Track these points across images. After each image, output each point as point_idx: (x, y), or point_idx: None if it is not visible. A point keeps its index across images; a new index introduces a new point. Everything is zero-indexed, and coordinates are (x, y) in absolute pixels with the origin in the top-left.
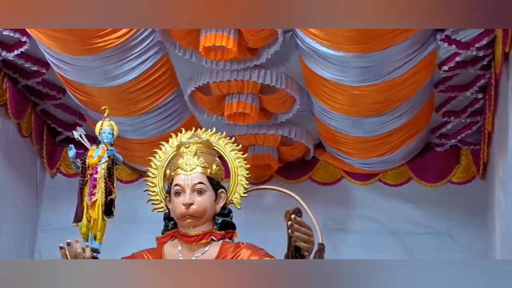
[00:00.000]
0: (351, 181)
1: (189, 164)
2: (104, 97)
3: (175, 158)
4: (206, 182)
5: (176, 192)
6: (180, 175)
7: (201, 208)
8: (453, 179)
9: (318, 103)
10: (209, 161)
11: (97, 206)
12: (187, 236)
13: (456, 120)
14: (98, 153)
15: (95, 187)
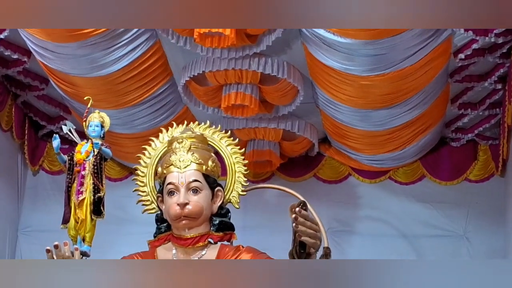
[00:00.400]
0: (358, 179)
1: (182, 160)
2: (91, 88)
3: (167, 155)
4: (201, 179)
5: (169, 191)
6: (173, 172)
7: (197, 208)
8: (470, 176)
9: (323, 94)
10: (204, 157)
11: (85, 205)
12: (182, 238)
13: (473, 113)
14: (86, 148)
15: (83, 184)
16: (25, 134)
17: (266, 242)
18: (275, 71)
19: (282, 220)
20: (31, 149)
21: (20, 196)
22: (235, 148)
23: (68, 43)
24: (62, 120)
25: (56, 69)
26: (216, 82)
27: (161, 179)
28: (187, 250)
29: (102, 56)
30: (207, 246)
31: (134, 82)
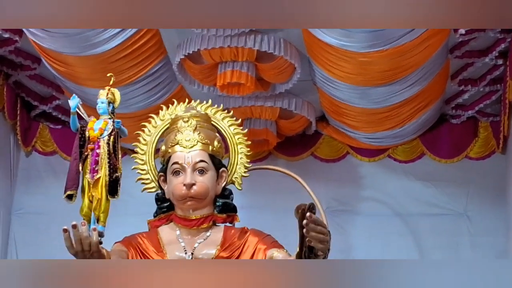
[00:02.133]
0: (357, 158)
1: (189, 140)
2: (84, 67)
3: (171, 134)
4: (208, 160)
5: (174, 171)
6: (178, 152)
7: (203, 189)
8: (471, 154)
9: (321, 71)
10: (210, 137)
11: (101, 184)
12: (187, 219)
13: (473, 89)
14: (100, 126)
15: (97, 163)
16: (17, 114)
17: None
18: (272, 48)
19: (279, 201)
20: (24, 130)
21: (13, 178)
22: (238, 129)
23: None
24: (55, 100)
25: (48, 48)
26: (212, 60)
27: (165, 158)
28: (191, 231)
29: (95, 35)
30: (211, 228)
31: (127, 60)
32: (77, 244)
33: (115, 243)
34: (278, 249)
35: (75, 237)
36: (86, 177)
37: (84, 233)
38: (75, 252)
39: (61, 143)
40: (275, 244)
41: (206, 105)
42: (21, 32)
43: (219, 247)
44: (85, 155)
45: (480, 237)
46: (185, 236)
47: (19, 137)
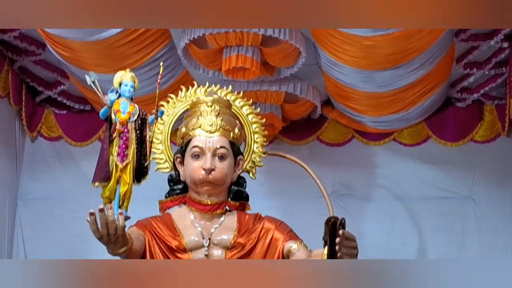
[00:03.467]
0: (362, 141)
1: (211, 124)
2: (89, 52)
3: (192, 116)
4: (228, 146)
5: (194, 154)
6: (200, 136)
7: (222, 175)
8: (476, 137)
9: (326, 55)
10: (231, 123)
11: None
12: (202, 204)
13: (479, 72)
14: (127, 109)
15: (127, 147)
16: (22, 100)
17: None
18: (277, 33)
19: (285, 186)
20: (29, 115)
21: (18, 163)
22: (256, 118)
23: None
24: (60, 85)
25: (53, 33)
26: (217, 44)
27: (184, 140)
28: (205, 216)
29: None
30: (225, 213)
31: (133, 45)
32: (103, 228)
33: (129, 227)
34: (295, 241)
35: (102, 220)
36: (115, 159)
37: (110, 217)
38: (100, 236)
39: (66, 128)
40: (291, 235)
41: (226, 91)
42: None
43: (236, 232)
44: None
45: (486, 219)
46: (199, 221)
47: (25, 123)
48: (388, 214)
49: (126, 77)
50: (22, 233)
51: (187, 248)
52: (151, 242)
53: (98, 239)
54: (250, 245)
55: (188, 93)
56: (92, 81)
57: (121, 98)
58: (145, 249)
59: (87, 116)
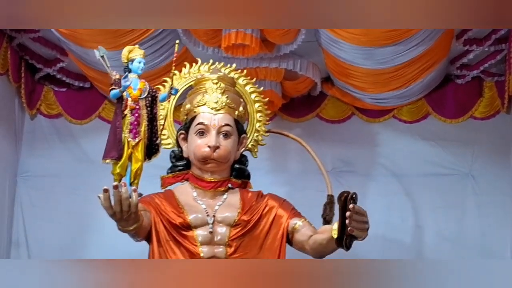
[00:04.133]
0: (362, 119)
1: (217, 102)
2: (88, 29)
3: (197, 93)
4: (233, 124)
5: (199, 131)
6: (205, 113)
7: (226, 152)
8: (476, 114)
9: (326, 32)
10: (236, 101)
11: (141, 146)
12: (205, 181)
13: (478, 49)
14: (138, 86)
15: (139, 124)
16: (21, 77)
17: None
18: None
19: (281, 162)
20: (28, 93)
21: (18, 141)
22: (259, 96)
23: None
24: (59, 62)
25: (52, 28)
26: None
27: (188, 116)
28: (207, 193)
29: None
30: (227, 191)
31: None
32: (117, 205)
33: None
34: (299, 218)
35: (116, 197)
36: (126, 136)
37: (124, 194)
38: (113, 213)
39: (66, 105)
40: (295, 212)
41: (230, 69)
42: None
43: (240, 210)
44: (124, 114)
45: (486, 196)
46: (202, 198)
47: (24, 100)
48: (388, 191)
49: (138, 53)
50: (22, 210)
51: (192, 225)
52: (156, 218)
53: (111, 216)
54: (254, 221)
55: (192, 70)
56: (100, 56)
57: (131, 74)
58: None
59: (86, 93)
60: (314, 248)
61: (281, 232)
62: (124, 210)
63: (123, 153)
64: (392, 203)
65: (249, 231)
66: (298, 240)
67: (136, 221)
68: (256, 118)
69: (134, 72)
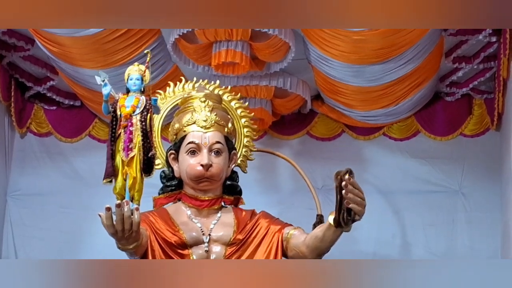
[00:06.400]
0: (352, 136)
1: (206, 120)
2: (78, 48)
3: (185, 112)
4: (223, 142)
5: (190, 150)
6: (195, 131)
7: (219, 170)
8: (465, 131)
9: (315, 50)
10: (225, 118)
11: (135, 163)
12: (199, 200)
13: (467, 67)
14: (132, 102)
15: (131, 141)
16: (11, 96)
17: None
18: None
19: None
20: (18, 111)
21: (8, 159)
22: (245, 112)
23: None
24: (49, 81)
25: (41, 28)
26: (206, 39)
27: (178, 136)
28: (202, 212)
29: None
30: (221, 209)
31: (122, 40)
32: (119, 223)
33: None
34: (293, 227)
35: (118, 216)
36: (120, 155)
37: (127, 212)
38: (114, 232)
39: (55, 124)
40: (287, 224)
41: (215, 86)
42: None
43: (235, 228)
44: (118, 133)
45: (476, 213)
46: (197, 216)
47: (14, 119)
48: (378, 208)
49: (132, 71)
50: (12, 229)
51: (188, 244)
52: (151, 237)
53: (111, 235)
54: (248, 240)
55: (176, 89)
56: (102, 80)
57: (130, 92)
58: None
59: (76, 111)
60: (311, 245)
61: (275, 244)
62: (126, 229)
63: (117, 172)
64: (382, 221)
65: (244, 250)
66: (294, 244)
67: (136, 239)
68: (244, 134)
69: (130, 89)
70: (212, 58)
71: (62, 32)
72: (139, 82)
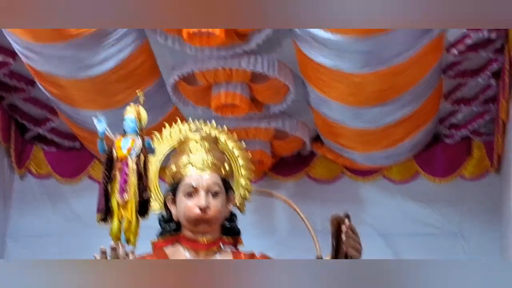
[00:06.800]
0: (352, 178)
1: (203, 162)
2: (78, 89)
3: (181, 154)
4: (220, 183)
5: (187, 192)
6: (192, 174)
7: (217, 212)
8: (465, 173)
9: (315, 92)
10: (221, 159)
11: (130, 205)
12: (198, 242)
13: (467, 109)
14: (128, 144)
15: (126, 183)
16: (11, 137)
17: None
18: (266, 69)
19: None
20: (18, 153)
21: (7, 201)
22: (241, 152)
23: (54, 43)
24: (49, 122)
25: (42, 70)
26: (206, 81)
27: (174, 179)
28: (200, 254)
29: (89, 57)
30: (219, 251)
31: (122, 82)
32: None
33: None
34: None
35: (113, 258)
36: (115, 197)
37: (122, 254)
38: None
39: (55, 165)
40: None
41: (210, 126)
42: (15, 55)
43: None
44: (113, 175)
45: (475, 256)
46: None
47: (13, 160)
48: (377, 250)
49: (127, 112)
50: None
51: None
52: None
53: None
54: None
55: (173, 131)
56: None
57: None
58: None
59: (76, 153)
60: None
61: None
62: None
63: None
64: None
65: None
66: None
67: None
68: (241, 174)
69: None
70: (211, 100)
71: (62, 73)
72: (134, 123)
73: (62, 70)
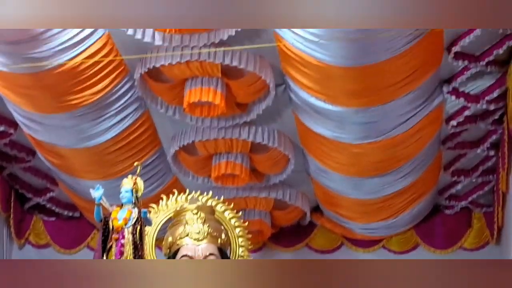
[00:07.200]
0: (352, 248)
1: (199, 232)
2: (79, 159)
3: (178, 225)
4: (217, 253)
5: None
6: (188, 244)
7: None
8: (465, 245)
9: (315, 162)
10: (218, 229)
11: None
12: None
13: (466, 180)
14: (124, 215)
15: (122, 254)
16: (10, 207)
17: None
18: (266, 140)
19: None
20: (17, 222)
21: None
22: (238, 222)
23: (55, 114)
24: (49, 192)
25: (43, 140)
26: (206, 151)
27: (171, 249)
28: None
29: (90, 127)
30: None
31: (122, 152)
32: None
33: None
34: None
35: None
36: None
37: None
38: None
39: (54, 235)
40: None
41: (207, 197)
42: (16, 125)
43: None
44: (110, 245)
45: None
46: None
47: (12, 230)
48: None
49: (124, 183)
50: None
51: None
52: None
53: None
54: None
55: (169, 202)
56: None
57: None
58: None
59: (75, 223)
60: None
61: None
62: None
63: None
64: None
65: None
66: None
67: None
68: (238, 244)
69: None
70: (212, 170)
71: (63, 143)
72: (129, 194)
73: (63, 140)
